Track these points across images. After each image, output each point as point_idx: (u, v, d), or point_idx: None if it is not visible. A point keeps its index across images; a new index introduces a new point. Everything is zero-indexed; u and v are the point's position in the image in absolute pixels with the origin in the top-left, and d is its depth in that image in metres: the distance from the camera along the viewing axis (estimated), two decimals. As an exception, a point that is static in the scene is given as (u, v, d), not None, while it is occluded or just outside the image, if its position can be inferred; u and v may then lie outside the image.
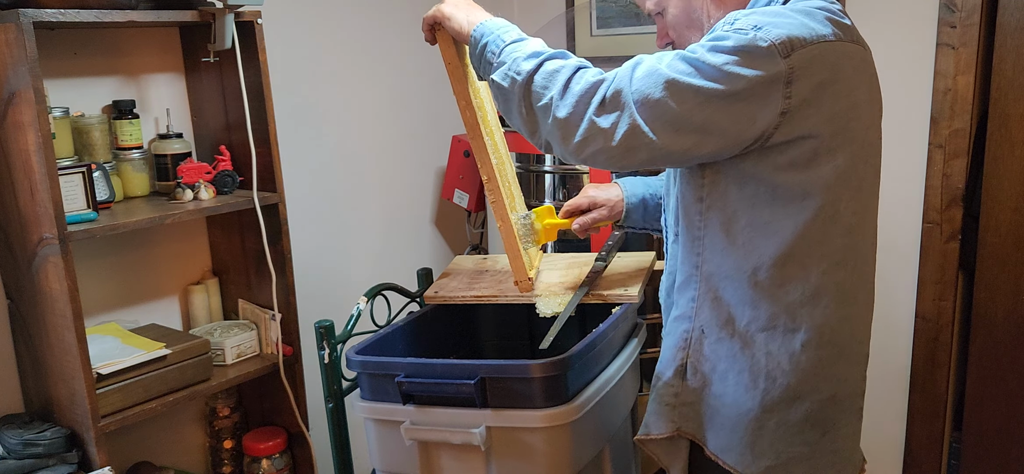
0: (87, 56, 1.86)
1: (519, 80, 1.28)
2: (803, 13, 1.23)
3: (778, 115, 1.19)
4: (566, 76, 1.26)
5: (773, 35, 1.17)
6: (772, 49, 1.17)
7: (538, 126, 1.29)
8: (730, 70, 1.17)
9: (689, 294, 1.37)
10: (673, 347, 1.39)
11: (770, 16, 1.21)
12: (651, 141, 1.20)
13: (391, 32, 2.53)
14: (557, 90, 1.25)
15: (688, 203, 1.35)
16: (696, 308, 1.36)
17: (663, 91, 1.19)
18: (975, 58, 2.19)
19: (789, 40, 1.18)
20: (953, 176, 2.27)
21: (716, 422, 1.37)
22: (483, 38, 1.37)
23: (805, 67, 1.18)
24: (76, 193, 1.69)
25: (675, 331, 1.39)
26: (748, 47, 1.17)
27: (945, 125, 2.25)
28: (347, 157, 2.44)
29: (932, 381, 2.42)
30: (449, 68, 1.49)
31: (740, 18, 1.23)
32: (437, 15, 1.45)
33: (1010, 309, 2.30)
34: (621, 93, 1.21)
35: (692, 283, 1.36)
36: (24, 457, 1.66)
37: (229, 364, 1.95)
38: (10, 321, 1.82)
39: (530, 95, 1.28)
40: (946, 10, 2.19)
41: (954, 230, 2.30)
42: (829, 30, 1.22)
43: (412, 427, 1.44)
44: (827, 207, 1.26)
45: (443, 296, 1.75)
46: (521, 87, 1.28)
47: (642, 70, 1.22)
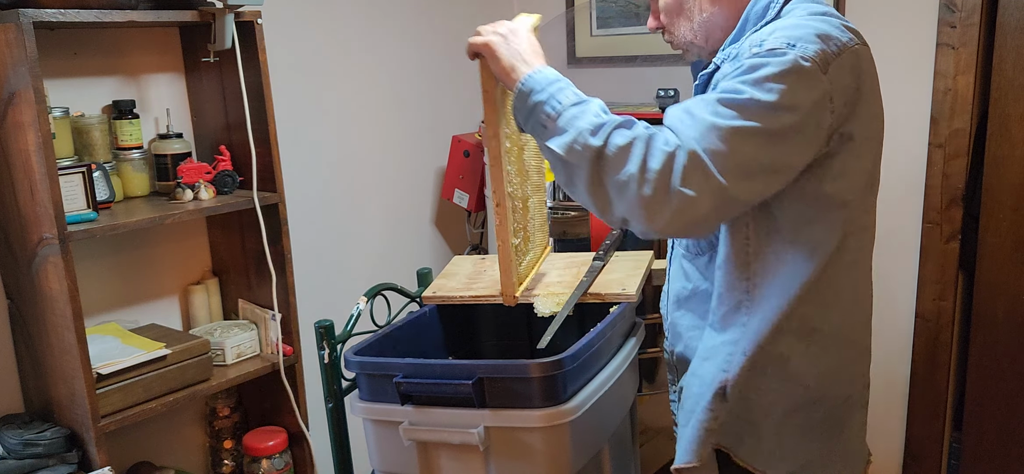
0: (87, 56, 1.86)
1: (587, 156, 1.20)
2: (820, 21, 1.23)
3: (828, 131, 1.20)
4: (641, 151, 1.18)
5: (811, 51, 1.16)
6: (814, 67, 1.16)
7: (611, 203, 1.22)
8: (785, 102, 1.15)
9: (740, 319, 1.34)
10: (716, 369, 1.36)
11: (794, 30, 1.20)
12: (732, 196, 1.17)
13: (391, 32, 2.53)
14: (635, 167, 1.17)
15: (736, 228, 1.31)
16: (746, 332, 1.33)
17: (728, 143, 1.15)
18: (975, 58, 2.18)
19: (824, 55, 1.17)
20: (953, 176, 2.27)
21: (747, 432, 1.37)
22: (534, 95, 1.27)
23: (839, 78, 1.18)
24: (76, 193, 1.69)
25: (719, 354, 1.36)
26: (793, 71, 1.15)
27: (945, 125, 2.25)
28: (347, 157, 2.44)
29: (932, 381, 2.42)
30: (485, 95, 1.43)
31: (767, 38, 1.20)
32: (484, 48, 1.37)
33: (1010, 309, 2.30)
34: (697, 156, 1.16)
35: (743, 308, 1.34)
36: (24, 457, 1.66)
37: (229, 364, 1.95)
38: (10, 321, 1.82)
39: (602, 172, 1.20)
40: (946, 10, 2.19)
41: (954, 230, 2.30)
42: (847, 36, 1.22)
43: (411, 427, 1.44)
44: (855, 210, 1.28)
45: (442, 296, 1.75)
46: (590, 163, 1.20)
47: (695, 127, 1.18)
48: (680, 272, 1.50)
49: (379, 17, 2.48)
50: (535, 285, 1.71)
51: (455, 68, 2.76)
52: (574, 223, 2.13)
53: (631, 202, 1.19)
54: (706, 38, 1.40)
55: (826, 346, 1.33)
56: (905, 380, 2.46)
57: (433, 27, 2.67)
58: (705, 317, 1.43)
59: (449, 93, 2.75)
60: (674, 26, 1.42)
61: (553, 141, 1.24)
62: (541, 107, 1.26)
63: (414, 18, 2.60)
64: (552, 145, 1.24)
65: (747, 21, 1.36)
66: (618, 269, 1.78)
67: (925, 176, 2.30)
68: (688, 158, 1.16)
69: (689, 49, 1.46)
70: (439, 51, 2.70)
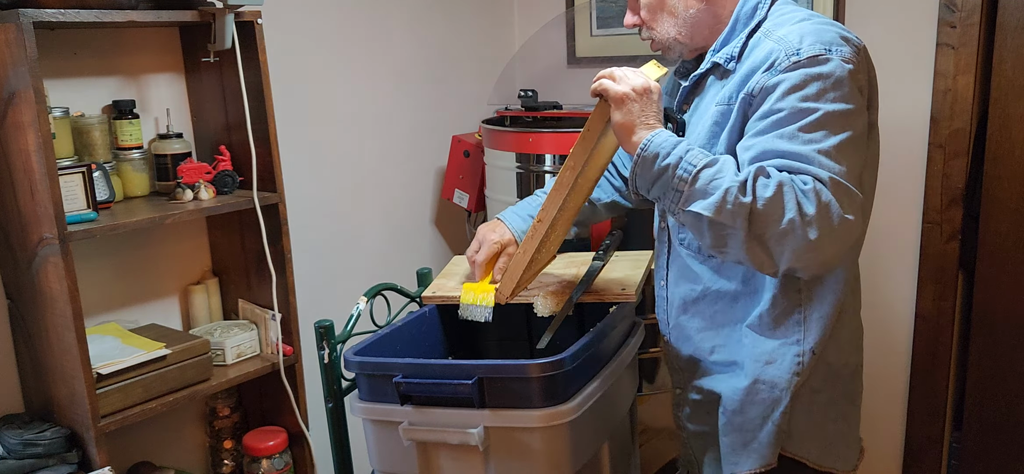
0: (87, 56, 1.86)
1: (741, 214, 1.20)
2: (827, 22, 1.33)
3: (867, 122, 1.33)
4: (793, 196, 1.19)
5: (847, 53, 1.27)
6: (855, 68, 1.27)
7: (773, 255, 1.23)
8: (853, 105, 1.26)
9: (796, 317, 1.39)
10: (787, 373, 1.40)
11: (818, 32, 1.29)
12: (862, 203, 1.27)
13: (392, 32, 2.53)
14: (793, 212, 1.19)
15: None
16: (806, 331, 1.40)
17: (843, 160, 1.23)
18: (975, 58, 2.18)
19: (855, 54, 1.29)
20: (953, 176, 2.27)
21: (811, 428, 1.46)
22: (662, 159, 1.27)
23: (864, 73, 1.31)
24: (76, 193, 1.69)
25: (785, 357, 1.40)
26: (841, 77, 1.25)
27: (945, 125, 2.25)
28: (347, 157, 2.44)
29: (932, 381, 2.42)
30: (588, 133, 1.39)
31: (799, 45, 1.27)
32: (615, 99, 1.34)
33: (1010, 309, 2.30)
34: (838, 182, 1.22)
35: (799, 309, 1.40)
36: (24, 457, 1.66)
37: (229, 364, 1.96)
38: (10, 321, 1.82)
39: (759, 227, 1.21)
40: (946, 10, 2.19)
41: (954, 230, 2.30)
42: (853, 35, 1.33)
43: (410, 427, 1.44)
44: (869, 194, 1.40)
45: (442, 296, 1.75)
46: (745, 220, 1.20)
47: (805, 159, 1.22)
48: (685, 275, 1.50)
49: (379, 17, 2.48)
50: (535, 285, 1.71)
51: (455, 68, 2.76)
52: (574, 223, 2.13)
53: (798, 248, 1.20)
54: (691, 36, 1.42)
55: (845, 322, 1.44)
56: (905, 380, 2.46)
57: (433, 27, 2.67)
58: (719, 319, 1.45)
59: (449, 93, 2.75)
60: (656, 22, 1.45)
61: (698, 205, 1.23)
62: (673, 170, 1.26)
63: (415, 18, 2.60)
64: (698, 209, 1.23)
65: (738, 21, 1.37)
66: (618, 269, 1.78)
67: (925, 176, 2.30)
68: (833, 186, 1.21)
69: (671, 47, 1.47)
70: (439, 51, 2.70)
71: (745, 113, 1.32)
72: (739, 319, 1.46)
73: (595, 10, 2.72)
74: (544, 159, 2.20)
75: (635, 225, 2.10)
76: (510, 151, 2.21)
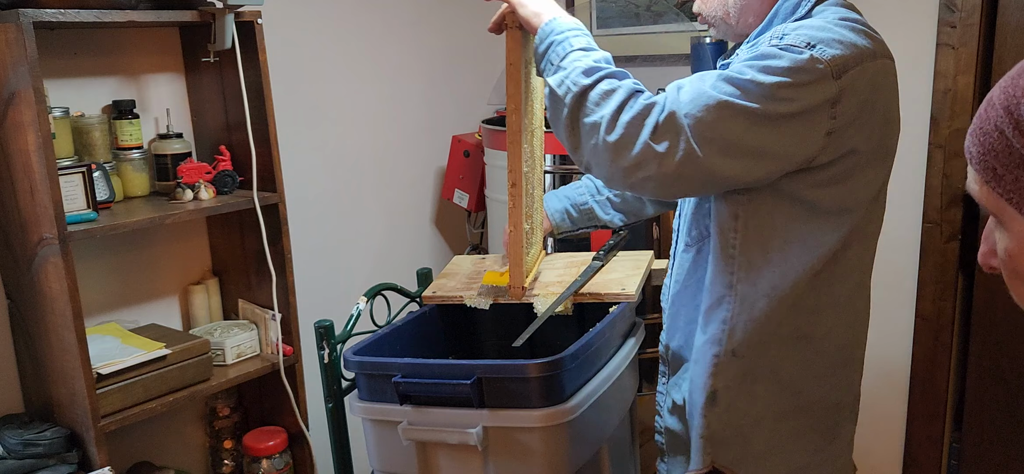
0: (87, 56, 1.86)
1: (573, 91, 1.24)
2: (846, 27, 1.22)
3: (825, 136, 1.18)
4: (620, 99, 1.21)
5: (828, 55, 1.16)
6: (827, 71, 1.16)
7: (581, 144, 1.26)
8: (783, 93, 1.15)
9: (721, 315, 1.34)
10: (704, 373, 1.37)
11: (818, 31, 1.19)
12: (705, 166, 1.18)
13: (391, 32, 2.53)
14: (609, 112, 1.21)
15: (722, 222, 1.32)
16: (729, 330, 1.34)
17: (715, 114, 1.16)
18: (975, 58, 2.18)
19: (843, 60, 1.17)
20: (953, 176, 2.27)
21: (736, 440, 1.37)
22: (550, 36, 1.32)
23: (852, 87, 1.17)
24: (76, 193, 1.69)
25: (705, 356, 1.37)
26: (805, 68, 1.15)
27: (945, 125, 2.25)
28: (347, 157, 2.44)
29: (932, 381, 2.42)
30: (509, 68, 1.44)
31: (790, 34, 1.20)
32: (508, 6, 1.41)
33: (1010, 309, 2.29)
34: (674, 116, 1.18)
35: (725, 304, 1.34)
36: (24, 457, 1.66)
37: (229, 364, 1.96)
38: (10, 321, 1.82)
39: (580, 110, 1.24)
40: (946, 10, 2.19)
41: (954, 230, 2.30)
42: (871, 45, 1.22)
43: (409, 427, 1.45)
44: (858, 221, 1.27)
45: (441, 296, 1.75)
46: (573, 100, 1.24)
47: (689, 94, 1.19)
48: (679, 264, 1.50)
49: (379, 17, 2.49)
50: (535, 285, 1.71)
51: (455, 68, 2.76)
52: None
53: (596, 144, 1.22)
54: (737, 19, 1.39)
55: (819, 352, 1.33)
56: (905, 380, 2.46)
57: (433, 27, 2.67)
58: (696, 312, 1.43)
59: (449, 93, 2.75)
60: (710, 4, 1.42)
61: (553, 77, 1.27)
62: (554, 47, 1.30)
63: (414, 18, 2.60)
64: (551, 81, 1.28)
65: (776, 15, 1.35)
66: (618, 269, 1.78)
67: (925, 176, 2.30)
68: (667, 118, 1.18)
69: (717, 25, 1.44)
70: (439, 51, 2.70)
71: None
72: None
73: (595, 10, 2.72)
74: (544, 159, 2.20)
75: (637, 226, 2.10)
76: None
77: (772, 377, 1.33)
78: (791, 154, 1.20)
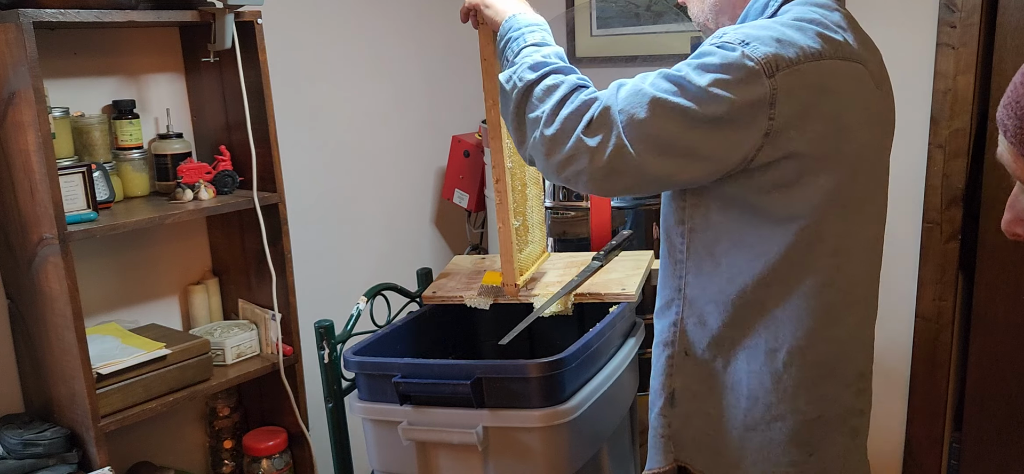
0: (87, 56, 1.86)
1: (519, 86, 1.25)
2: (794, 27, 1.18)
3: (761, 137, 1.14)
4: (561, 94, 1.22)
5: (760, 53, 1.12)
6: (758, 68, 1.12)
7: (525, 138, 1.26)
8: (715, 92, 1.12)
9: (670, 318, 1.34)
10: (660, 374, 1.36)
11: (759, 30, 1.16)
12: (636, 163, 1.16)
13: (391, 32, 2.53)
14: (550, 106, 1.22)
15: (669, 226, 1.32)
16: (678, 332, 1.33)
17: (648, 111, 1.14)
18: (975, 58, 2.18)
19: (776, 58, 1.12)
20: (953, 176, 2.27)
21: (704, 443, 1.35)
22: (508, 33, 1.34)
23: (787, 87, 1.13)
24: (76, 193, 1.69)
25: (660, 357, 1.36)
26: (735, 65, 1.12)
27: (945, 125, 2.25)
28: (347, 157, 2.44)
29: (932, 381, 2.42)
30: (484, 62, 1.47)
31: (729, 32, 1.18)
32: (470, 4, 1.44)
33: (1010, 309, 2.30)
34: (608, 112, 1.17)
35: (673, 307, 1.33)
36: (24, 457, 1.67)
37: (229, 364, 1.96)
38: (10, 321, 1.82)
39: (525, 105, 1.25)
40: (946, 10, 2.19)
41: (954, 230, 2.30)
42: (818, 45, 1.16)
43: (409, 427, 1.45)
44: (811, 228, 1.22)
45: (441, 296, 1.76)
46: (519, 95, 1.25)
47: (627, 90, 1.19)
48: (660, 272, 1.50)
49: (379, 17, 2.49)
50: (535, 285, 1.71)
51: (455, 68, 2.76)
52: (574, 223, 2.13)
53: (537, 138, 1.23)
54: (715, 22, 1.38)
55: (786, 365, 1.28)
56: (905, 380, 2.46)
57: (433, 27, 2.67)
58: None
59: (449, 93, 2.75)
60: (691, 1, 1.43)
61: (503, 72, 1.29)
62: (510, 44, 1.32)
63: (414, 18, 2.60)
64: (501, 76, 1.29)
65: (747, 15, 1.34)
66: (618, 269, 1.78)
67: (925, 176, 2.30)
68: (601, 113, 1.18)
69: (702, 30, 1.44)
70: (439, 51, 2.70)
71: None
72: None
73: (595, 10, 2.72)
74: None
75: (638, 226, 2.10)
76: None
77: (733, 386, 1.31)
78: (725, 155, 1.17)
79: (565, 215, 2.19)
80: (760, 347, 1.27)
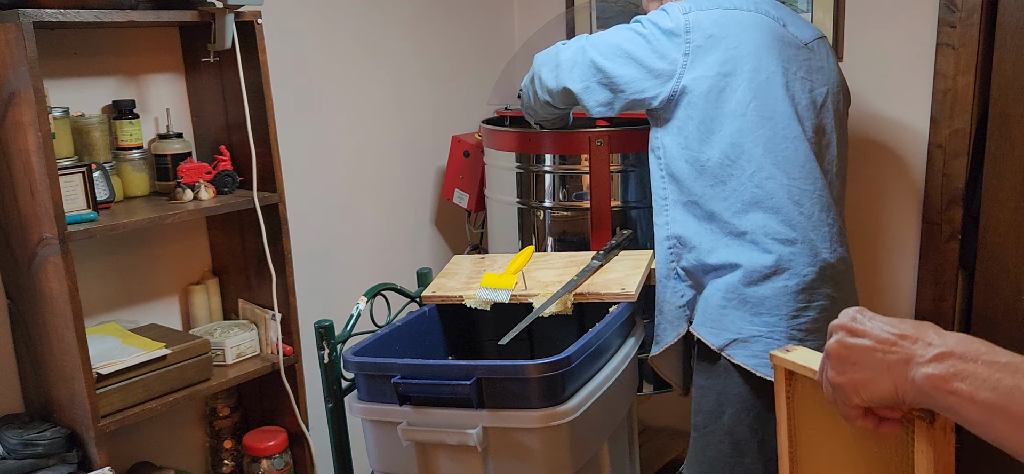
0: (87, 56, 1.86)
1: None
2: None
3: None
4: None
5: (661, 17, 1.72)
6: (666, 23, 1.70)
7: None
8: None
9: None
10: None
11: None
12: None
13: (391, 32, 2.53)
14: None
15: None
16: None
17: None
18: (975, 58, 2.18)
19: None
20: (953, 176, 2.27)
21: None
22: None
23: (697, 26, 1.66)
24: (76, 193, 1.69)
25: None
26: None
27: (945, 125, 2.25)
28: (347, 157, 2.44)
29: (932, 381, 2.41)
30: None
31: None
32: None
33: (1010, 309, 2.30)
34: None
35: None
36: (24, 457, 1.67)
37: (229, 364, 1.96)
38: (10, 321, 1.82)
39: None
40: (946, 10, 2.19)
41: (954, 230, 2.30)
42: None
43: (409, 428, 1.45)
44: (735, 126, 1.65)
45: (441, 296, 1.76)
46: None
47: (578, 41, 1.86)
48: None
49: (379, 17, 2.49)
50: (535, 285, 1.71)
51: (455, 68, 2.76)
52: (574, 223, 2.13)
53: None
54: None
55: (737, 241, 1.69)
56: (905, 380, 2.45)
57: (433, 27, 2.67)
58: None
59: (449, 93, 2.75)
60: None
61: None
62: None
63: (414, 18, 2.60)
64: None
65: None
66: (618, 269, 1.78)
67: (925, 176, 2.30)
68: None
69: None
70: (439, 51, 2.70)
71: None
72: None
73: (595, 10, 2.72)
74: (544, 159, 2.20)
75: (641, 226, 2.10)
76: (510, 151, 2.21)
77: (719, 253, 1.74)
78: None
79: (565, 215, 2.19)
80: (723, 233, 1.74)
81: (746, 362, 1.63)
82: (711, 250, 1.67)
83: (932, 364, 0.76)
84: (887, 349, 0.79)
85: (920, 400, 0.78)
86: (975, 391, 0.75)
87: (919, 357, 0.77)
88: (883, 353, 0.79)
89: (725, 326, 1.65)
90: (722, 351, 1.65)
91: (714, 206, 1.66)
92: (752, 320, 1.63)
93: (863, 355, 0.81)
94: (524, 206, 2.20)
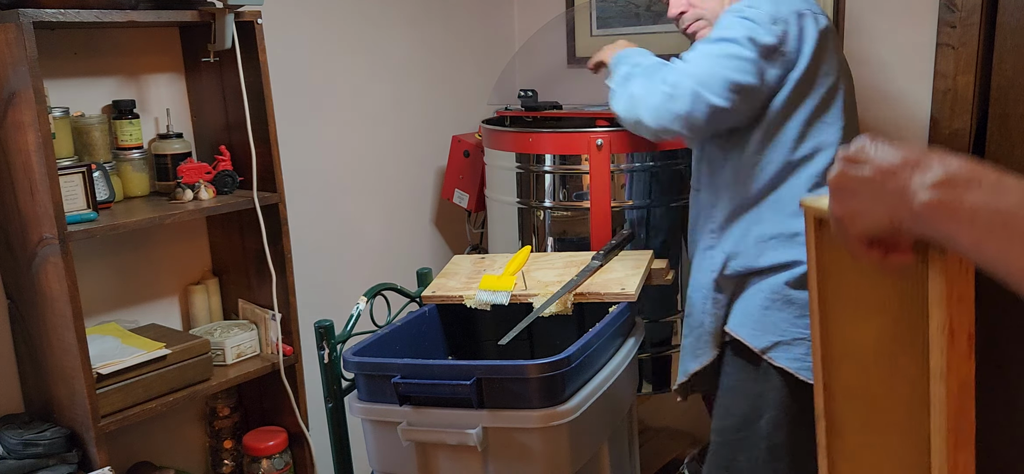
0: (87, 56, 1.86)
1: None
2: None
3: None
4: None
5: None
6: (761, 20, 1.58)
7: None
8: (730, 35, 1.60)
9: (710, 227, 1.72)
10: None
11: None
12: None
13: (391, 32, 2.53)
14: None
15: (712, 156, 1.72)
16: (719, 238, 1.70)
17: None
18: (975, 58, 2.18)
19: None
20: (953, 176, 2.26)
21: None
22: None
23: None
24: (76, 193, 1.69)
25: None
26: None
27: (945, 125, 2.25)
28: (347, 157, 2.44)
29: (932, 381, 2.41)
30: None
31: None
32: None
33: (1010, 309, 2.30)
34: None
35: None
36: (24, 457, 1.67)
37: (229, 364, 1.96)
38: (10, 321, 1.82)
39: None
40: (946, 10, 2.19)
41: (954, 230, 2.29)
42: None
43: (409, 428, 1.45)
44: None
45: (441, 296, 1.76)
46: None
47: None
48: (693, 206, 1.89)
49: (379, 17, 2.48)
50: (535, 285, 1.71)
51: (455, 68, 2.76)
52: (574, 223, 2.13)
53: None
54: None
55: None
56: (905, 380, 2.45)
57: (433, 27, 2.67)
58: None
59: (449, 93, 2.75)
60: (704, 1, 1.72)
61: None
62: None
63: (414, 18, 2.60)
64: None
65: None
66: (618, 269, 1.78)
67: (925, 176, 2.30)
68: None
69: (712, 23, 1.63)
70: (439, 51, 2.70)
71: None
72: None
73: (595, 10, 2.72)
74: (544, 159, 2.20)
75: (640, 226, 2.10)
76: (510, 151, 2.21)
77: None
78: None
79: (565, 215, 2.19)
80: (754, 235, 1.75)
81: (789, 365, 1.60)
82: (760, 254, 1.64)
83: (931, 190, 0.71)
84: (886, 178, 0.74)
85: (918, 228, 0.73)
86: (974, 216, 0.70)
87: (917, 185, 0.72)
88: (881, 182, 0.75)
89: (768, 328, 1.62)
90: (764, 354, 1.62)
91: (768, 211, 1.64)
92: (796, 322, 1.60)
93: (861, 185, 0.76)
94: (524, 206, 2.20)
